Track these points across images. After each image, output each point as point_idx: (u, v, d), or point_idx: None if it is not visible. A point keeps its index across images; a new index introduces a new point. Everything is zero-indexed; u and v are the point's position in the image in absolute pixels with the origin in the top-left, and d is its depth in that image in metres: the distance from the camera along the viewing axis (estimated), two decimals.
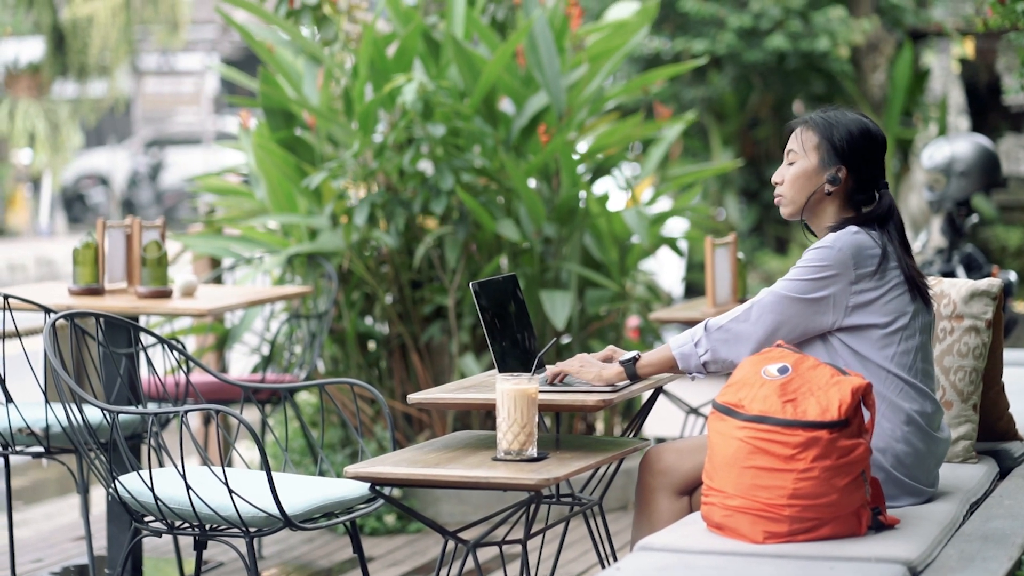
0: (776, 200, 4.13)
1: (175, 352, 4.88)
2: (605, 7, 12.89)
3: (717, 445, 3.67)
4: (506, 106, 7.43)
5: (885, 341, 3.95)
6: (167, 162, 27.69)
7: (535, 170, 7.05)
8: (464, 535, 5.94)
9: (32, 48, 24.80)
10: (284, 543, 6.46)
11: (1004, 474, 4.56)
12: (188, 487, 4.08)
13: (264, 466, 4.06)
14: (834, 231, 4.03)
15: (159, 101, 30.47)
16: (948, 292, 4.54)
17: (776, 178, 4.13)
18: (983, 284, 4.53)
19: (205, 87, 30.29)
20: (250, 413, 8.07)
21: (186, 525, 4.24)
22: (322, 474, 5.00)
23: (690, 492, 4.15)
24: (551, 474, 3.69)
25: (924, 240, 7.54)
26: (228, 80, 29.10)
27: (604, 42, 7.42)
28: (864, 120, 4.08)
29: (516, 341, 4.26)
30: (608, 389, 4.06)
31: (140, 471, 4.27)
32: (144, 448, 5.85)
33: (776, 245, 13.96)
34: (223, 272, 7.25)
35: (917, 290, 4.01)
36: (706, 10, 12.68)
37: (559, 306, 6.83)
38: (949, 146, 7.35)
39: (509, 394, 3.78)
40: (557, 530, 6.09)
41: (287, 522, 4.12)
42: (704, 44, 12.70)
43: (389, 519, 6.65)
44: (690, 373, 4.07)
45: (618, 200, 8.00)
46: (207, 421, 7.06)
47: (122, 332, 5.21)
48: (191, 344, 8.13)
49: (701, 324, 4.06)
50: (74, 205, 27.53)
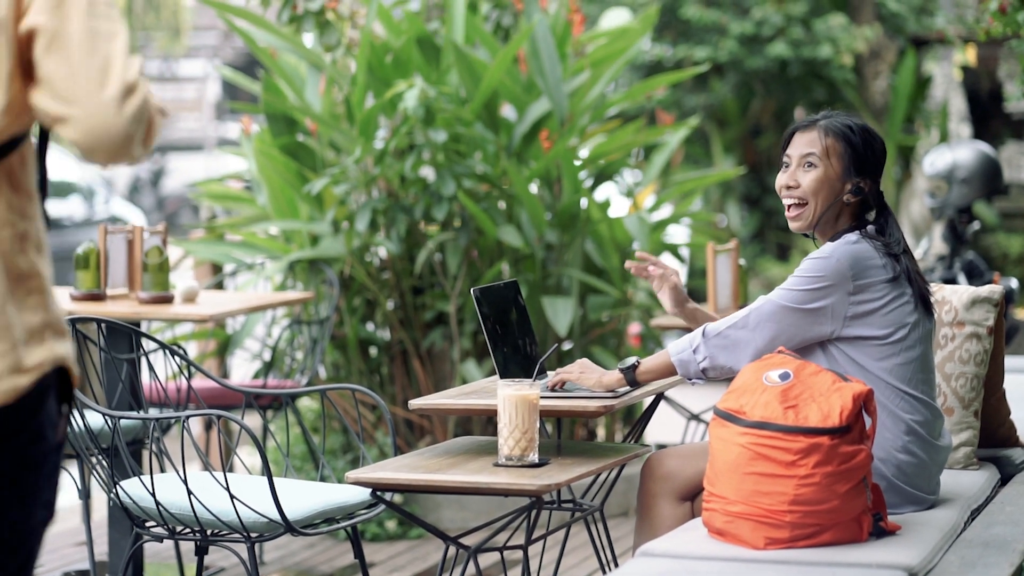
0: (794, 213, 4.00)
1: (176, 357, 4.88)
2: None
3: (718, 451, 3.66)
4: (508, 112, 7.43)
5: (884, 352, 3.93)
6: (169, 168, 27.70)
7: (537, 176, 7.05)
8: (465, 541, 5.92)
9: None
10: (285, 548, 6.45)
11: (1005, 480, 4.56)
12: (189, 492, 4.08)
13: (265, 471, 4.06)
14: (834, 240, 4.00)
15: None
16: (950, 299, 4.54)
17: (789, 181, 3.99)
18: (984, 291, 4.53)
19: (207, 93, 30.30)
20: (251, 419, 8.07)
21: (187, 530, 4.24)
22: (323, 480, 5.00)
23: (692, 498, 4.15)
24: (552, 480, 3.69)
25: (925, 247, 7.54)
26: (230, 86, 29.17)
27: (606, 48, 7.42)
28: (871, 127, 4.05)
29: (517, 347, 4.26)
30: (609, 395, 4.06)
31: (141, 476, 4.27)
32: (145, 453, 5.85)
33: (778, 252, 13.96)
34: (224, 278, 7.25)
35: (919, 298, 4.00)
36: (708, 17, 12.68)
37: (561, 312, 6.83)
38: (951, 153, 7.35)
39: (510, 400, 3.78)
40: (558, 536, 6.09)
41: (288, 527, 4.12)
42: (706, 51, 12.71)
43: (390, 525, 6.65)
44: (690, 379, 4.06)
45: (620, 206, 8.01)
46: (208, 427, 7.06)
47: (123, 337, 5.21)
48: (192, 350, 8.12)
49: (699, 330, 4.02)
50: None
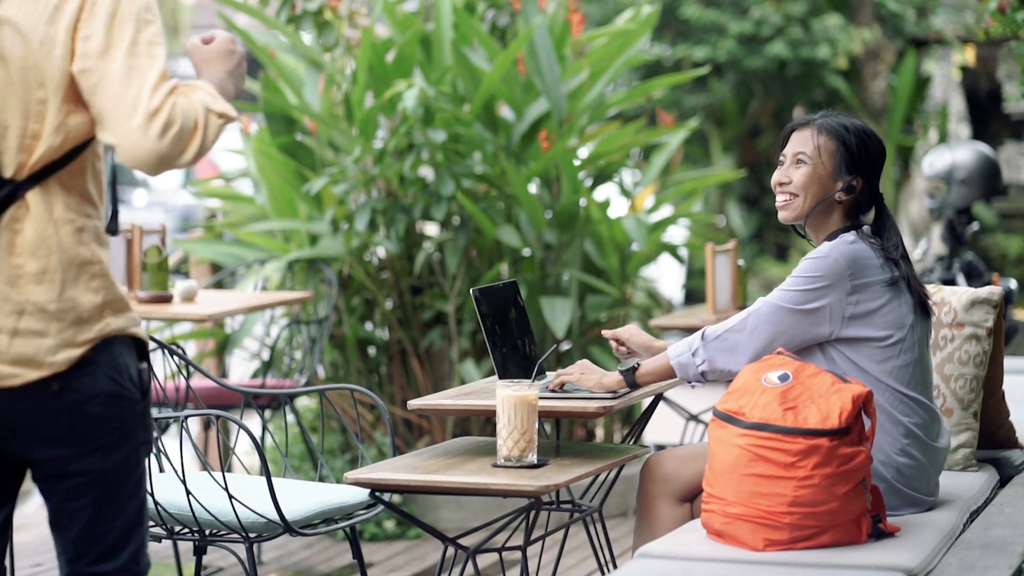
0: (783, 203, 4.02)
1: (175, 357, 4.87)
2: (607, 14, 12.91)
3: (717, 452, 3.66)
4: (506, 112, 7.43)
5: (882, 354, 3.92)
6: None
7: (536, 176, 7.05)
8: (464, 541, 5.92)
9: None
10: (283, 548, 6.45)
11: (1004, 482, 4.55)
12: (188, 492, 4.07)
13: (264, 472, 4.06)
14: (831, 239, 4.00)
15: None
16: (949, 300, 4.53)
17: (782, 178, 4.01)
18: (984, 292, 4.52)
19: None
20: (250, 418, 8.07)
21: (186, 530, 4.23)
22: (322, 480, 4.99)
23: (691, 499, 4.15)
24: (551, 481, 3.69)
25: (924, 248, 7.53)
26: None
27: (605, 49, 7.42)
28: (871, 128, 4.04)
29: (516, 347, 4.25)
30: (608, 396, 4.06)
31: None
32: None
33: (776, 252, 13.96)
34: (223, 277, 7.25)
35: (917, 299, 3.99)
36: (707, 17, 12.68)
37: (559, 312, 6.83)
38: (950, 154, 7.35)
39: (509, 400, 3.77)
40: (557, 537, 6.09)
41: (287, 528, 4.12)
42: (705, 51, 12.71)
43: (389, 525, 6.65)
44: (689, 382, 4.05)
45: (619, 207, 8.00)
46: (207, 426, 7.06)
47: None
48: (191, 349, 8.12)
49: (698, 333, 4.02)
50: None
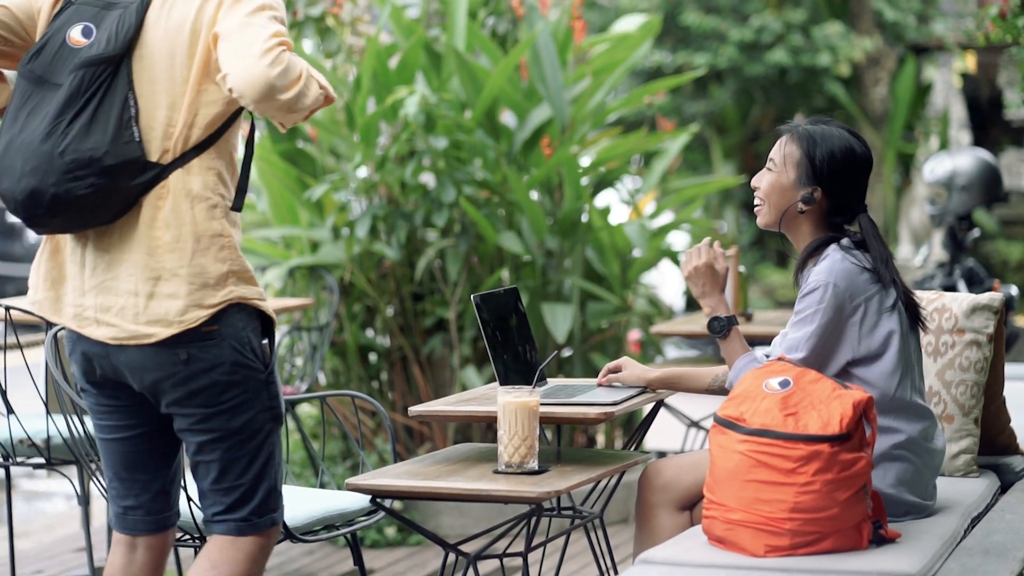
0: (756, 207, 4.07)
1: None
2: (608, 20, 12.93)
3: (718, 458, 3.66)
4: (508, 119, 7.43)
5: (882, 367, 3.92)
6: None
7: (537, 183, 7.05)
8: (465, 548, 5.93)
9: None
10: (285, 555, 6.45)
11: (1005, 488, 4.55)
12: (189, 499, 4.07)
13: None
14: (816, 251, 3.98)
15: None
16: (949, 306, 4.53)
17: (755, 182, 4.06)
18: (984, 298, 4.52)
19: None
20: None
21: (187, 536, 4.23)
22: (323, 486, 5.00)
23: (691, 507, 4.15)
24: (552, 487, 3.69)
25: (925, 254, 7.55)
26: None
27: (607, 55, 7.43)
28: (851, 141, 3.98)
29: (517, 354, 4.26)
30: (609, 403, 4.06)
31: None
32: None
33: (777, 258, 13.97)
34: None
35: (907, 306, 3.99)
36: (707, 24, 12.70)
37: (560, 319, 6.83)
38: (951, 160, 7.35)
39: (510, 407, 3.77)
40: (558, 543, 6.09)
41: (288, 534, 4.12)
42: (706, 58, 12.72)
43: (390, 531, 6.65)
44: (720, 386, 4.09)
45: (620, 213, 8.01)
46: None
47: None
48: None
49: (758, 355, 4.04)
50: None
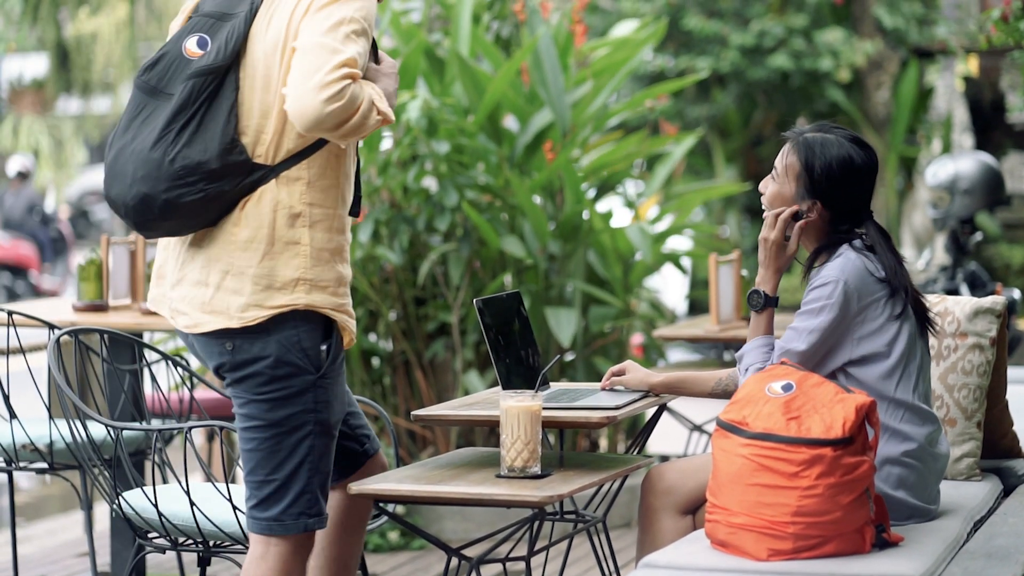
0: (764, 213, 4.10)
1: (179, 368, 4.88)
2: (609, 24, 12.93)
3: (721, 462, 3.66)
4: (510, 123, 7.43)
5: (888, 371, 3.92)
6: None
7: (539, 187, 7.05)
8: (467, 552, 5.92)
9: (36, 64, 24.83)
10: None
11: (1008, 492, 4.55)
12: (192, 503, 4.07)
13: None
14: (827, 249, 3.99)
15: None
16: (952, 310, 4.53)
17: (762, 187, 4.07)
18: (987, 302, 4.52)
19: None
20: None
21: (190, 541, 4.23)
22: None
23: (693, 511, 4.14)
24: (555, 491, 3.69)
25: (928, 258, 7.54)
26: None
27: (608, 59, 7.43)
28: (850, 150, 3.96)
29: (520, 358, 4.25)
30: (612, 407, 4.06)
31: (144, 487, 4.27)
32: (148, 464, 5.85)
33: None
34: None
35: (917, 312, 3.99)
36: (709, 28, 12.70)
37: (563, 323, 6.83)
38: (953, 164, 7.35)
39: (513, 411, 3.77)
40: (561, 547, 6.09)
41: None
42: (708, 62, 12.72)
43: (392, 536, 6.64)
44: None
45: (622, 217, 8.00)
46: (211, 437, 7.06)
47: (126, 348, 5.21)
48: (195, 360, 8.12)
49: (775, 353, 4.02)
50: (78, 221, 27.54)
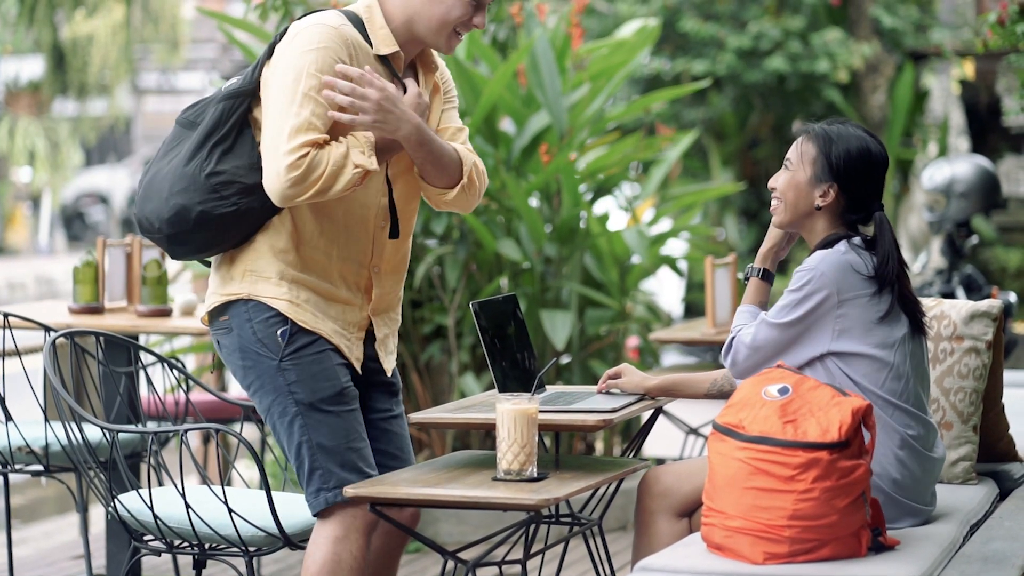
0: (773, 207, 4.09)
1: (175, 371, 4.87)
2: (606, 27, 12.93)
3: (717, 466, 3.66)
4: (507, 126, 7.43)
5: (875, 367, 3.92)
6: None
7: (536, 190, 7.05)
8: (463, 555, 5.91)
9: (32, 66, 24.84)
10: (283, 562, 6.45)
11: (1004, 495, 4.55)
12: (187, 506, 4.07)
13: (264, 485, 4.06)
14: (824, 248, 4.01)
15: (159, 120, 30.51)
16: (948, 313, 4.53)
17: (772, 183, 4.08)
18: (983, 305, 4.52)
19: None
20: (250, 432, 8.06)
21: (185, 544, 4.23)
22: None
23: (689, 514, 4.14)
24: (551, 494, 3.69)
25: (924, 261, 7.54)
26: None
27: (604, 62, 7.43)
28: (866, 139, 4.03)
29: (516, 361, 4.25)
30: (608, 409, 4.06)
31: (139, 490, 4.27)
32: (144, 467, 5.85)
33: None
34: None
35: (909, 313, 3.99)
36: (706, 31, 12.70)
37: (559, 326, 6.83)
38: (949, 167, 7.35)
39: (509, 414, 3.77)
40: (557, 550, 6.09)
41: (287, 541, 4.11)
42: (704, 65, 12.73)
43: None
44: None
45: (619, 220, 8.00)
46: (207, 440, 7.05)
47: (122, 351, 5.21)
48: (191, 363, 8.12)
49: (737, 331, 4.08)
50: (74, 223, 27.54)
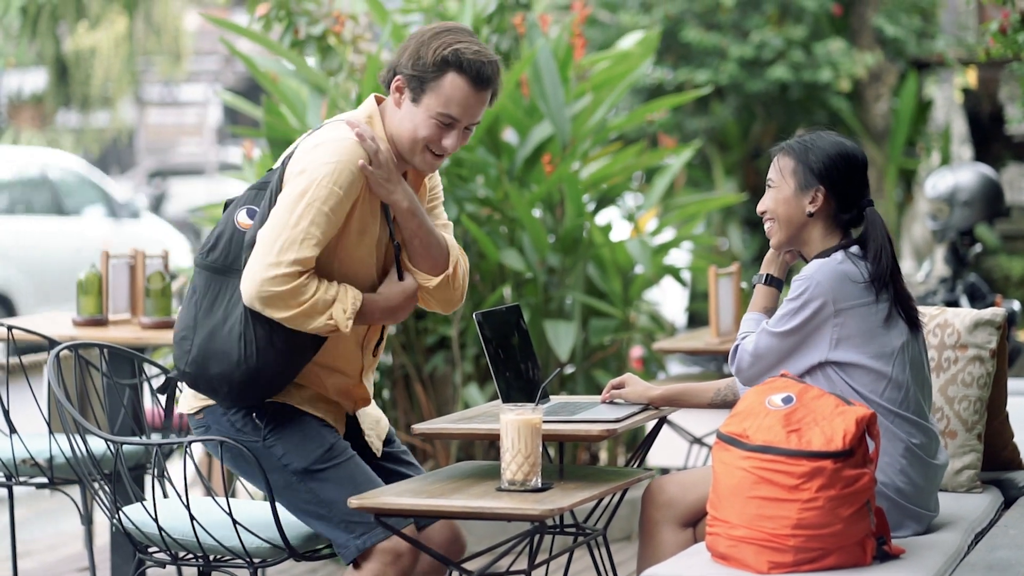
0: (767, 229, 4.10)
1: (179, 383, 4.87)
2: (609, 38, 12.93)
3: (721, 475, 3.66)
4: (510, 136, 7.43)
5: (873, 378, 3.92)
6: (170, 193, 27.69)
7: (539, 200, 7.05)
8: (468, 566, 5.91)
9: (35, 79, 24.85)
10: (288, 573, 6.44)
11: (1008, 503, 4.54)
12: (192, 518, 4.07)
13: (268, 496, 4.06)
14: (824, 255, 4.01)
15: (162, 132, 30.52)
16: (952, 321, 4.53)
17: (760, 207, 4.10)
18: (987, 313, 4.52)
19: (208, 118, 30.34)
20: None
21: (190, 556, 4.23)
22: None
23: (694, 524, 4.14)
24: (555, 504, 3.69)
25: (928, 269, 7.55)
26: (231, 110, 29.19)
27: (607, 72, 7.43)
28: (841, 140, 4.06)
29: (520, 371, 4.25)
30: (612, 419, 4.06)
31: (144, 502, 4.27)
32: (148, 479, 5.84)
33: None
34: None
35: (905, 318, 3.99)
36: (708, 41, 12.70)
37: (563, 336, 6.83)
38: (952, 176, 7.36)
39: (513, 424, 3.77)
40: (561, 561, 6.08)
41: (291, 552, 4.11)
42: (707, 74, 12.73)
43: None
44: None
45: (622, 230, 8.00)
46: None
47: (126, 363, 5.20)
48: None
49: (743, 338, 4.10)
50: None
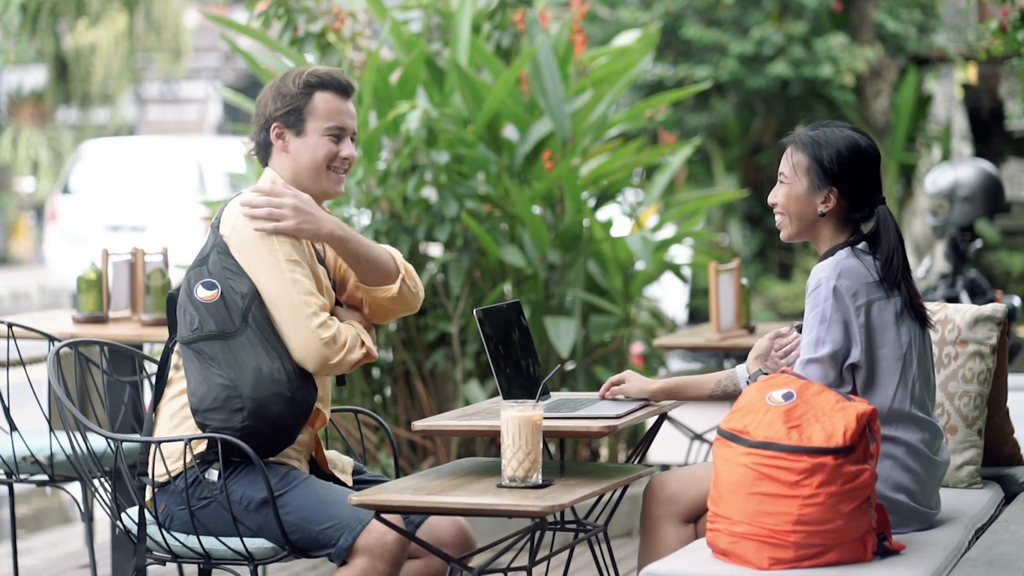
0: (778, 222, 4.07)
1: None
2: (609, 34, 12.93)
3: (722, 471, 3.66)
4: (510, 133, 7.43)
5: (884, 378, 3.92)
6: None
7: (539, 196, 7.05)
8: (469, 562, 5.93)
9: (35, 76, 24.87)
10: (289, 569, 6.45)
11: (1009, 499, 4.55)
12: (192, 515, 4.07)
13: (268, 495, 4.05)
14: (825, 258, 3.99)
15: (162, 129, 30.51)
16: (952, 317, 4.53)
17: (771, 199, 4.06)
18: (987, 309, 4.52)
19: (208, 115, 30.33)
20: None
21: (191, 554, 4.22)
22: None
23: (695, 520, 4.15)
24: (556, 501, 3.69)
25: (928, 265, 7.54)
26: (231, 107, 29.18)
27: (607, 68, 7.43)
28: (855, 136, 3.99)
29: (520, 368, 4.25)
30: (612, 416, 4.06)
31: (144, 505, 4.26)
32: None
33: (780, 271, 13.96)
34: None
35: (915, 315, 3.98)
36: (708, 37, 12.71)
37: (563, 333, 6.83)
38: (952, 171, 7.36)
39: (514, 421, 3.77)
40: (562, 557, 6.08)
41: (292, 550, 4.11)
42: (707, 71, 12.73)
43: None
44: None
45: (622, 226, 8.00)
46: None
47: (126, 360, 5.21)
48: None
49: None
50: None
